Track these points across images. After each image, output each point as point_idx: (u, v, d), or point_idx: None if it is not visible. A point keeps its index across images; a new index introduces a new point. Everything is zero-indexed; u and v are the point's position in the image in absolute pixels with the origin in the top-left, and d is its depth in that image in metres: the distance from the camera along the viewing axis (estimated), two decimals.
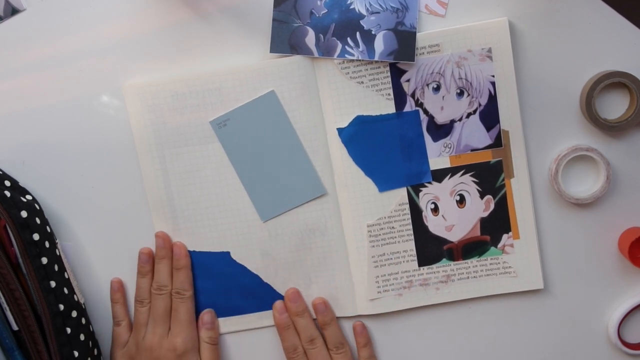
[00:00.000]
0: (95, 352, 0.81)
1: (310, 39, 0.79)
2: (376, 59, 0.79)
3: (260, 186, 0.83)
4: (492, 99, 0.80)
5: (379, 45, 0.79)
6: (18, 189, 0.80)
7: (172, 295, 0.83)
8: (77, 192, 0.84)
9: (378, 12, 0.79)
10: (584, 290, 0.84)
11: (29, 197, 0.80)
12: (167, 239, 0.83)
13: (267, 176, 0.82)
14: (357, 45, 0.79)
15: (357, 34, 0.79)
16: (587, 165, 0.82)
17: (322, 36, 0.79)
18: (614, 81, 0.78)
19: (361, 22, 0.79)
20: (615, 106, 0.81)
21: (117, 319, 0.85)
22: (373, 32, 0.79)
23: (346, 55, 0.79)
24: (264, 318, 0.85)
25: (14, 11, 0.81)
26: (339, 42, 0.79)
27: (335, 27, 0.79)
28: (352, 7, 0.79)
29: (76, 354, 0.77)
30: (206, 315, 0.84)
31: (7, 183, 0.79)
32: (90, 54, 0.82)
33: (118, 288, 0.85)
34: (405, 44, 0.79)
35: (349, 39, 0.79)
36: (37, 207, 0.79)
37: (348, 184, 0.82)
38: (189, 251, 0.84)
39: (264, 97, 0.81)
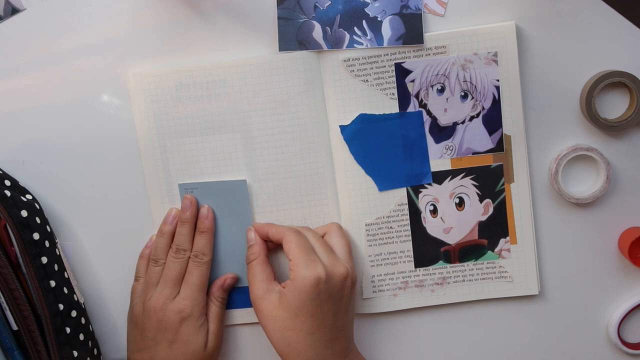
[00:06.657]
0: (95, 352, 0.81)
1: (318, 32, 0.79)
2: (385, 45, 0.79)
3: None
4: (496, 103, 0.81)
5: (387, 31, 0.79)
6: (18, 189, 0.80)
7: (190, 258, 0.80)
8: (77, 191, 0.83)
9: None
10: (584, 291, 0.85)
11: (29, 196, 0.79)
12: (194, 203, 0.82)
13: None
14: (364, 33, 0.79)
15: (364, 22, 0.79)
16: (587, 165, 0.82)
17: (328, 29, 0.79)
18: (614, 81, 0.79)
19: (366, 9, 0.79)
20: (615, 106, 0.81)
21: (138, 274, 0.83)
22: (379, 19, 0.79)
23: (355, 45, 0.79)
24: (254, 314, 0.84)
25: (14, 11, 0.81)
26: (346, 32, 0.79)
27: (341, 17, 0.79)
28: None
29: (75, 353, 0.77)
30: (228, 279, 0.83)
31: (7, 182, 0.79)
32: (90, 53, 0.82)
33: (149, 245, 0.83)
34: (412, 27, 0.79)
35: (355, 28, 0.79)
36: (37, 207, 0.79)
37: (348, 182, 0.82)
38: None
39: (235, 183, 0.81)
